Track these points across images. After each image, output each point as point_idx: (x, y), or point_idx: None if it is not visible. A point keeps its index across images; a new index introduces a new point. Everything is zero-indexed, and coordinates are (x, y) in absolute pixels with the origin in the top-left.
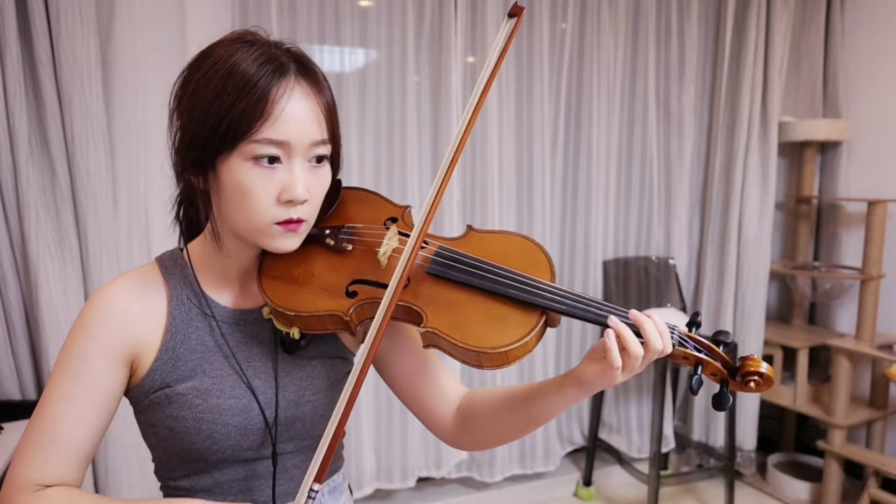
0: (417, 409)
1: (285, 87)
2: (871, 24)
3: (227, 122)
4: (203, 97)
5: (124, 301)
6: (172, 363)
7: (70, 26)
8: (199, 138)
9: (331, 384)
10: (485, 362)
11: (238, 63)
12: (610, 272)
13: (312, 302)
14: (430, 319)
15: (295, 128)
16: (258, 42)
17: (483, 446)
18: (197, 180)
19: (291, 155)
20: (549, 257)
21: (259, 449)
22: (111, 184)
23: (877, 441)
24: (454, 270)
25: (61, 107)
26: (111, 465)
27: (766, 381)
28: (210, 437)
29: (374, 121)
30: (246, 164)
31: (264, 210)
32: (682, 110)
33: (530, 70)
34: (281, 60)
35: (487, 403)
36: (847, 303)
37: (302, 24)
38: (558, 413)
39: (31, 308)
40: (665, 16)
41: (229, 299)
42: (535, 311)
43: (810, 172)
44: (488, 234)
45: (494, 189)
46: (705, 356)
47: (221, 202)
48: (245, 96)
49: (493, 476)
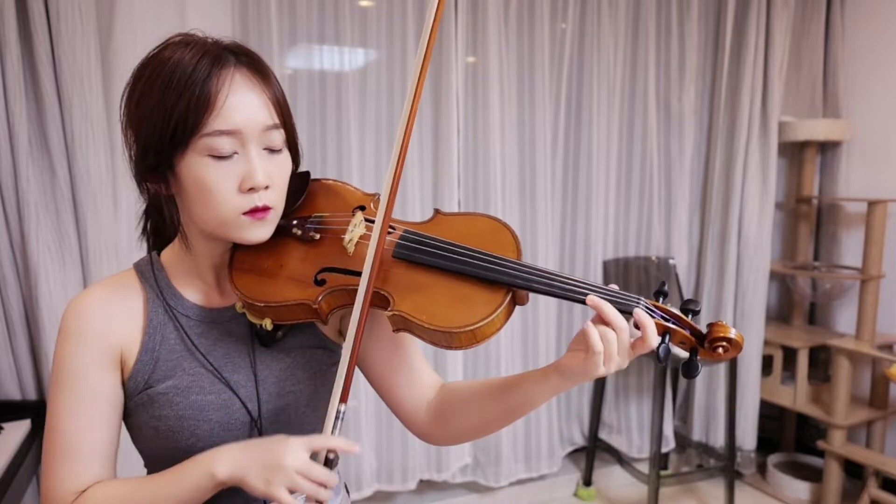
0: (391, 399)
1: (225, 76)
2: (871, 23)
3: (174, 120)
4: (148, 103)
5: (101, 305)
6: (153, 364)
7: (70, 26)
8: (152, 142)
9: (312, 374)
10: (453, 342)
11: (176, 63)
12: (610, 272)
13: (281, 292)
14: (396, 302)
15: (243, 115)
16: (195, 41)
17: (455, 439)
18: (159, 187)
19: (245, 143)
20: (515, 235)
21: None
22: (111, 184)
23: (877, 441)
24: (419, 253)
25: (61, 107)
26: None
27: (734, 347)
28: (193, 433)
29: (374, 121)
30: (203, 160)
31: (229, 201)
32: (682, 110)
33: (531, 70)
34: (218, 53)
35: (464, 392)
36: (847, 303)
37: (302, 24)
38: (538, 404)
39: (31, 308)
40: (665, 16)
41: (204, 298)
42: (500, 289)
43: (810, 172)
44: (455, 216)
45: (497, 189)
46: (672, 325)
47: (186, 202)
48: (187, 92)
49: (498, 481)
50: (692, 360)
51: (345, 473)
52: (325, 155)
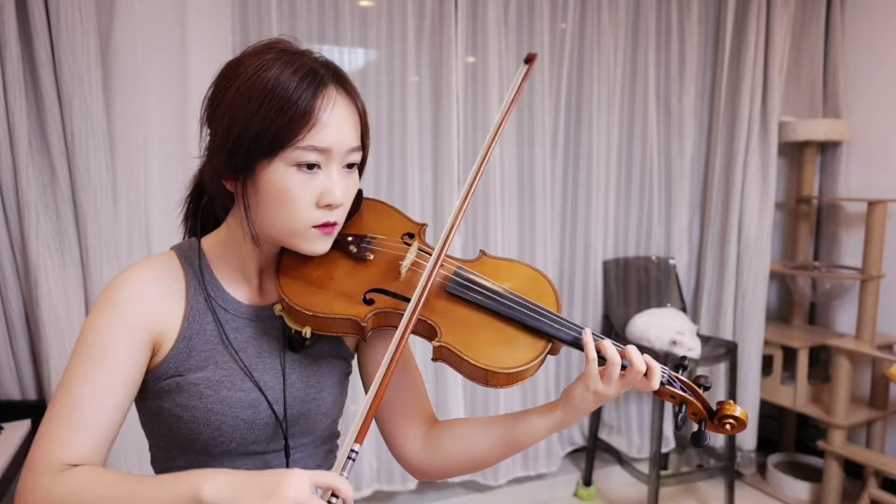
0: (387, 425)
1: (329, 94)
2: (871, 24)
3: (272, 131)
4: (244, 107)
5: (151, 284)
6: (187, 352)
7: (70, 26)
8: (243, 145)
9: (333, 383)
10: (491, 380)
11: (281, 73)
12: (610, 272)
13: (330, 304)
14: (444, 334)
15: (336, 135)
16: (295, 52)
17: (443, 472)
18: (233, 185)
19: (330, 161)
20: (555, 288)
21: (263, 444)
22: (111, 184)
23: (877, 441)
24: (471, 291)
25: (61, 107)
26: (111, 464)
27: (739, 425)
28: (218, 428)
29: (375, 121)
30: (288, 170)
31: (304, 213)
32: (682, 110)
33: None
34: (320, 71)
35: (462, 426)
36: (847, 303)
37: (302, 24)
38: (540, 437)
39: (31, 308)
40: (665, 16)
41: (245, 295)
42: (542, 338)
43: (810, 172)
44: (499, 260)
45: (496, 189)
46: (690, 396)
47: (259, 205)
48: (290, 107)
49: (496, 480)
50: (701, 431)
51: None
52: None
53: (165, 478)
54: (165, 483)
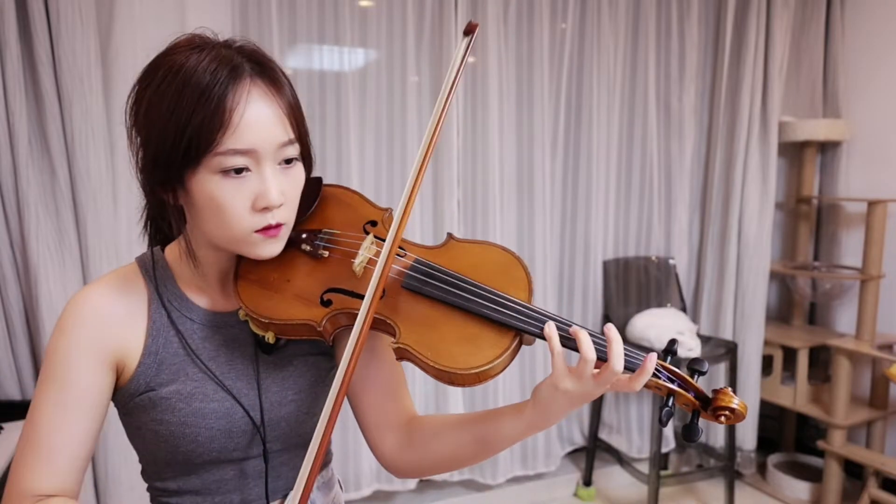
0: (363, 417)
1: (242, 91)
2: (871, 24)
3: (186, 137)
4: (159, 112)
5: (106, 304)
6: (156, 367)
7: (70, 26)
8: (162, 157)
9: (313, 382)
10: (456, 381)
11: (189, 71)
12: (610, 272)
13: (286, 309)
14: (402, 335)
15: (258, 133)
16: (208, 45)
17: (418, 470)
18: (167, 196)
19: (260, 161)
20: (528, 273)
21: (245, 449)
22: (111, 184)
23: (877, 441)
24: (428, 286)
25: (61, 107)
26: (111, 465)
27: (736, 417)
28: (194, 440)
29: (375, 121)
30: (214, 178)
31: (241, 220)
32: (682, 110)
33: (530, 70)
34: (234, 62)
35: (437, 423)
36: (847, 303)
37: (302, 24)
38: (514, 438)
39: (31, 308)
40: (665, 16)
41: (209, 302)
42: (508, 333)
43: (810, 172)
44: (468, 244)
45: (495, 189)
46: (678, 387)
47: (196, 216)
48: (201, 108)
49: (495, 478)
50: (693, 425)
51: (345, 473)
52: (323, 156)
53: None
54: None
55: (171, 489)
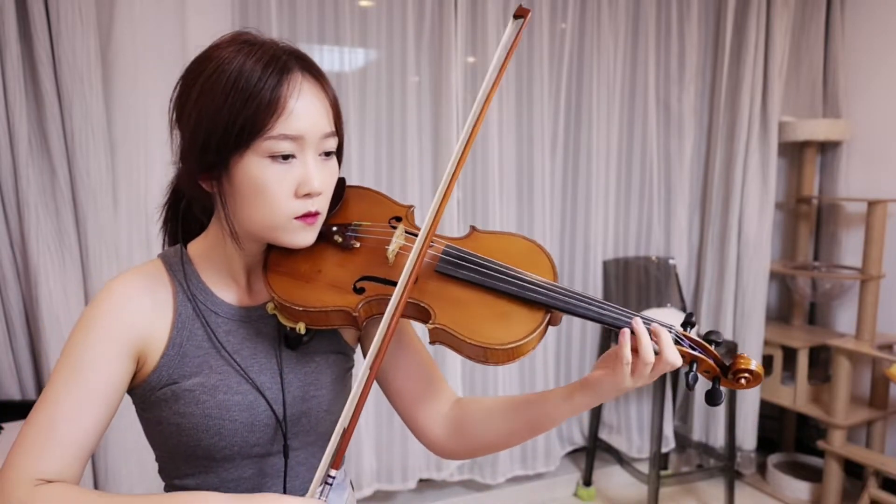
0: (407, 411)
1: (294, 81)
2: (871, 24)
3: (240, 122)
4: (211, 102)
5: (134, 296)
6: (179, 359)
7: (70, 26)
8: (212, 141)
9: (333, 379)
10: (490, 357)
11: (243, 64)
12: (610, 272)
13: (320, 297)
14: (438, 316)
15: (307, 120)
16: (257, 42)
17: (472, 452)
18: (210, 184)
19: (304, 148)
20: (551, 258)
21: (266, 445)
22: (111, 184)
23: (877, 441)
24: (461, 269)
25: (61, 107)
26: (111, 465)
27: (755, 378)
28: (218, 433)
29: (374, 121)
30: (262, 162)
31: (283, 205)
32: (682, 110)
33: (530, 70)
34: (284, 58)
35: (486, 407)
36: (847, 303)
37: (302, 24)
38: (560, 420)
39: (31, 308)
40: (665, 16)
41: (234, 296)
42: (539, 310)
43: (810, 172)
44: (491, 234)
45: (495, 188)
46: (700, 354)
47: (237, 201)
48: (256, 96)
49: (495, 478)
50: (715, 389)
51: None
52: None
53: (147, 501)
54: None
55: (190, 487)
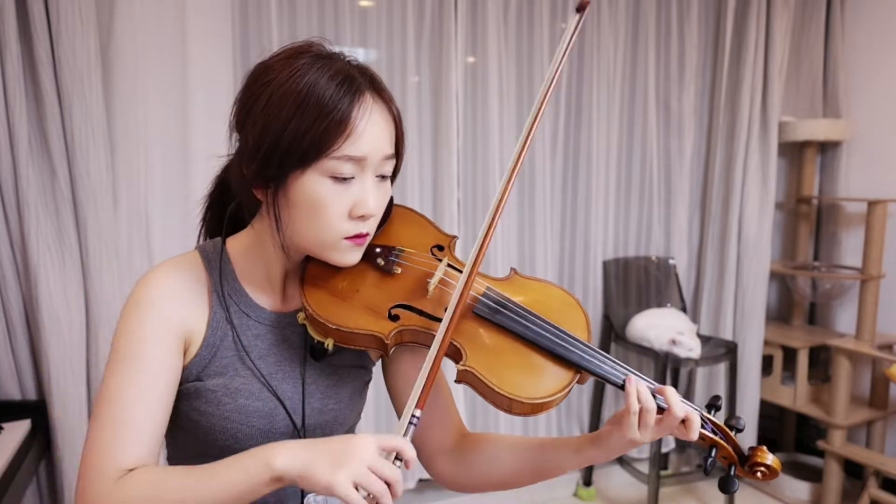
0: (418, 439)
1: (365, 103)
2: (871, 24)
3: (308, 139)
4: (277, 115)
5: (177, 286)
6: (210, 358)
7: (70, 26)
8: (276, 155)
9: (353, 394)
10: (514, 409)
11: (315, 81)
12: (610, 272)
13: (355, 319)
14: (469, 358)
15: (372, 143)
16: (328, 57)
17: (478, 487)
18: (262, 193)
19: (364, 170)
20: (587, 315)
21: None
22: (111, 184)
23: (877, 441)
24: (499, 315)
25: (61, 107)
26: None
27: (771, 474)
28: (233, 436)
29: None
30: (322, 180)
31: (336, 224)
32: (682, 110)
33: (530, 70)
34: (356, 78)
35: (497, 445)
36: (847, 303)
37: (302, 24)
38: (567, 470)
39: (31, 308)
40: (665, 16)
41: (268, 300)
42: (570, 368)
43: (810, 172)
44: (532, 281)
45: (495, 188)
46: (721, 440)
47: (289, 215)
48: (327, 115)
49: None
50: (730, 477)
51: None
52: None
53: (228, 460)
54: (231, 465)
55: None
